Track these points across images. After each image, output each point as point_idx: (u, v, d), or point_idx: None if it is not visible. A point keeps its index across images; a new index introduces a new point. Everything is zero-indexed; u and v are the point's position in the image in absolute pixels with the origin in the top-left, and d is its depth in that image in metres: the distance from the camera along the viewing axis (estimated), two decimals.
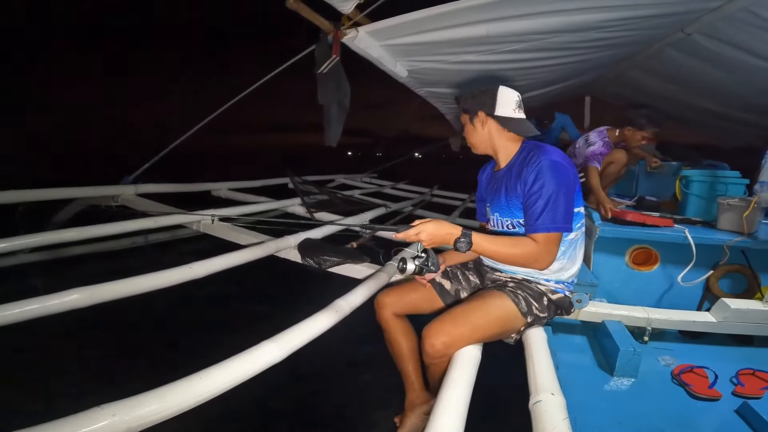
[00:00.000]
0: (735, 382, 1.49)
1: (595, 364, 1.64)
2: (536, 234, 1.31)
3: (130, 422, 0.90)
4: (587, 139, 2.93)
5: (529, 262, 1.32)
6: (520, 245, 1.31)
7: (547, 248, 1.31)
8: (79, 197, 2.92)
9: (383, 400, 1.85)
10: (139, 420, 0.91)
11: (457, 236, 1.28)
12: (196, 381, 1.04)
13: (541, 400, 1.02)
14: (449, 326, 1.29)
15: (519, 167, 1.41)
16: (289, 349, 1.27)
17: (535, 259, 1.31)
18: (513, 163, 1.47)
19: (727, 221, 2.10)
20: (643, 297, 2.11)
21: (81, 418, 0.87)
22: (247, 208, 3.21)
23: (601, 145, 2.84)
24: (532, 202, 1.32)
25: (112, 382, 1.86)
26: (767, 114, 3.70)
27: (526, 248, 1.30)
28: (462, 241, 1.27)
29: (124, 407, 0.91)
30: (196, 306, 2.72)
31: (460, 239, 1.27)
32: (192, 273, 1.77)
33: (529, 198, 1.33)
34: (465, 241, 1.27)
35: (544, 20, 2.28)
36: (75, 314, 1.46)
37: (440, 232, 1.28)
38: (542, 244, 1.30)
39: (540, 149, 1.39)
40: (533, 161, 1.35)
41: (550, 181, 1.30)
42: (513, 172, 1.44)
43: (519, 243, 1.32)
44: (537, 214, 1.30)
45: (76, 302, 1.45)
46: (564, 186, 1.31)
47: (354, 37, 2.45)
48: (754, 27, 2.43)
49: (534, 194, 1.31)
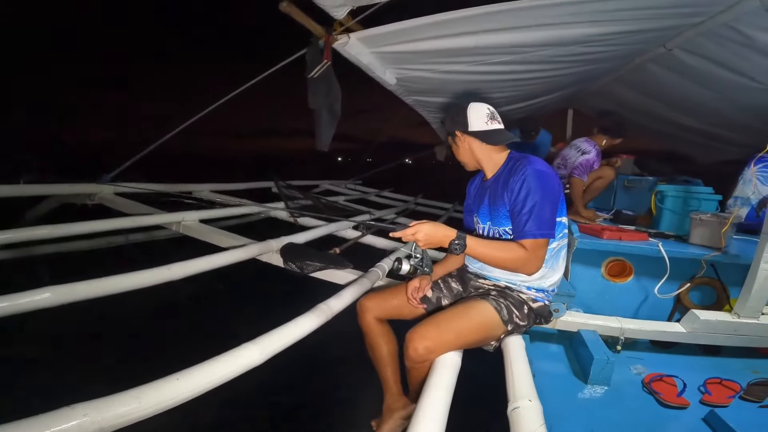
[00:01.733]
0: (703, 390, 1.55)
1: (571, 372, 1.67)
2: (524, 240, 1.36)
3: (102, 422, 0.87)
4: (579, 148, 2.93)
5: (518, 266, 1.37)
6: (511, 250, 1.36)
7: (535, 254, 1.36)
8: (54, 194, 2.83)
9: (361, 403, 1.84)
10: (112, 420, 0.89)
11: (452, 238, 1.31)
12: (173, 382, 1.02)
13: (519, 407, 1.04)
14: (433, 331, 1.31)
15: (506, 177, 1.45)
16: (269, 352, 1.26)
17: (523, 263, 1.36)
18: (500, 173, 1.51)
19: (699, 236, 2.18)
20: (618, 307, 2.16)
21: (51, 417, 0.84)
22: (230, 210, 3.17)
23: (595, 154, 2.86)
24: (518, 209, 1.37)
25: (85, 382, 1.81)
26: (745, 131, 3.78)
27: (516, 253, 1.35)
28: (457, 243, 1.30)
29: (96, 407, 0.89)
30: (178, 308, 2.66)
31: (456, 241, 1.30)
32: (170, 274, 1.73)
33: (516, 205, 1.38)
34: (460, 243, 1.31)
35: (530, 33, 2.34)
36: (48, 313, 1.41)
37: (437, 233, 1.30)
38: (530, 249, 1.35)
39: (525, 159, 1.44)
40: (519, 170, 1.40)
41: (536, 189, 1.35)
42: (500, 181, 1.48)
43: (510, 248, 1.36)
44: (524, 221, 1.35)
45: (48, 301, 1.40)
46: (549, 194, 1.37)
47: (345, 43, 2.47)
48: (735, 43, 2.48)
49: (520, 202, 1.36)
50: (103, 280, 1.57)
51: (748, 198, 2.75)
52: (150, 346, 2.23)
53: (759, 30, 2.26)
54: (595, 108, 4.86)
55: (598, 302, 2.19)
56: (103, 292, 1.56)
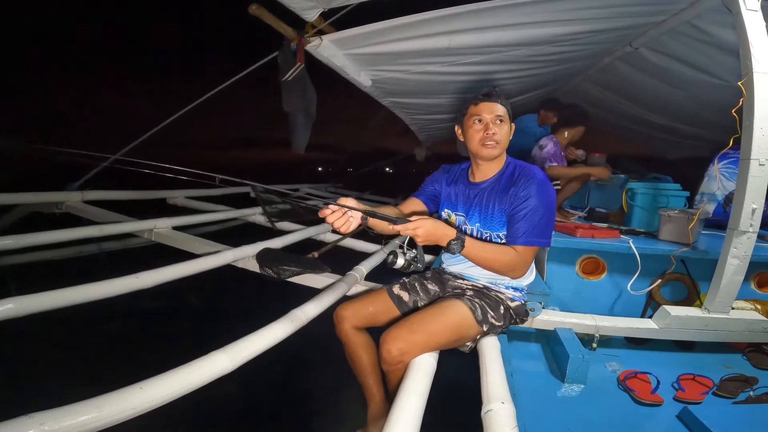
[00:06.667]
0: (676, 387, 1.56)
1: (548, 370, 1.68)
2: (518, 245, 1.38)
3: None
4: (539, 145, 3.00)
5: (507, 270, 1.40)
6: (505, 254, 1.39)
7: (524, 259, 1.40)
8: (18, 203, 2.71)
9: (344, 413, 1.81)
10: (70, 429, 0.86)
11: (451, 238, 1.30)
12: (136, 391, 0.99)
13: (492, 409, 1.04)
14: (405, 333, 1.30)
15: (507, 182, 1.47)
16: (240, 359, 1.23)
17: (513, 267, 1.39)
18: (500, 177, 1.51)
19: (668, 232, 2.23)
20: (592, 305, 2.19)
21: (6, 426, 0.82)
22: (205, 216, 3.10)
23: (552, 146, 2.93)
24: (521, 216, 1.39)
25: (47, 393, 1.73)
26: (709, 127, 3.88)
27: (508, 257, 1.38)
28: (455, 243, 1.30)
29: (54, 416, 0.86)
30: (149, 317, 2.58)
31: (454, 241, 1.30)
32: (139, 283, 1.68)
33: (519, 212, 1.40)
34: (458, 243, 1.30)
35: (502, 33, 2.37)
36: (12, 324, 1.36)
37: (438, 231, 1.28)
38: (521, 254, 1.39)
39: (530, 168, 1.47)
40: (526, 178, 1.42)
41: (540, 199, 1.39)
42: (499, 186, 1.49)
43: (504, 252, 1.39)
44: (524, 228, 1.38)
45: (10, 312, 1.35)
46: (550, 204, 1.41)
47: (317, 45, 2.44)
48: (696, 41, 2.54)
49: (523, 209, 1.39)
50: (68, 290, 1.51)
51: (713, 194, 2.84)
52: (119, 356, 2.16)
53: (719, 27, 2.32)
54: None
55: (574, 300, 2.21)
56: (68, 302, 1.50)
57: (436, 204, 1.69)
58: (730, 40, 2.34)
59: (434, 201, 1.68)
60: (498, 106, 1.46)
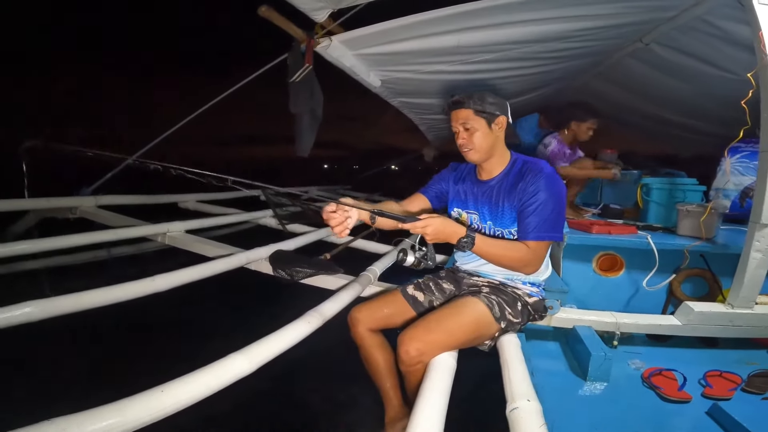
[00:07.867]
0: (703, 383, 1.53)
1: (569, 369, 1.65)
2: (529, 240, 1.36)
3: None
4: (544, 143, 2.97)
5: (521, 266, 1.38)
6: (517, 249, 1.37)
7: (537, 254, 1.37)
8: (32, 209, 2.75)
9: (361, 418, 1.79)
10: None
11: (461, 235, 1.29)
12: (158, 394, 0.98)
13: (517, 407, 1.01)
14: (423, 332, 1.29)
15: (515, 178, 1.45)
16: (258, 361, 1.21)
17: (526, 263, 1.37)
18: (507, 173, 1.49)
19: (687, 227, 2.19)
20: (611, 302, 2.16)
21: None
22: (217, 219, 3.11)
23: (556, 144, 2.90)
24: (530, 211, 1.37)
25: (68, 396, 1.73)
26: (722, 123, 3.79)
27: (520, 253, 1.36)
28: (465, 240, 1.29)
29: (76, 421, 0.85)
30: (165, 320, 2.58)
31: (464, 239, 1.28)
32: (153, 286, 1.68)
33: (528, 207, 1.37)
34: (468, 240, 1.29)
35: (511, 30, 2.35)
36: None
37: (447, 229, 1.28)
38: (533, 250, 1.36)
39: (537, 162, 1.45)
40: (533, 173, 1.40)
41: (550, 193, 1.36)
42: (507, 182, 1.47)
43: (515, 247, 1.37)
44: (534, 222, 1.36)
45: (29, 316, 1.36)
46: (560, 199, 1.39)
47: (327, 46, 2.45)
48: (707, 36, 2.52)
49: (532, 204, 1.37)
50: (85, 294, 1.52)
51: (727, 189, 2.78)
52: (136, 359, 2.15)
53: (731, 21, 2.29)
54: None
55: (592, 297, 2.18)
56: (86, 305, 1.51)
57: (441, 202, 1.68)
58: (741, 34, 2.32)
59: (440, 199, 1.67)
60: (461, 112, 1.45)
